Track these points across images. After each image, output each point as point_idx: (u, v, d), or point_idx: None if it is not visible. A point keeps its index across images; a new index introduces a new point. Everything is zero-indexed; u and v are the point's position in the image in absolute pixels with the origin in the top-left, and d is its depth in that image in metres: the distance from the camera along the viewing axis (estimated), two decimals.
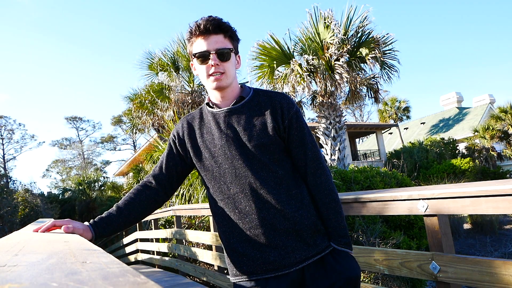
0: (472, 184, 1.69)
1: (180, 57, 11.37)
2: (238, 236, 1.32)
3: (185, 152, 1.45)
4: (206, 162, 1.38)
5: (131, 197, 1.44)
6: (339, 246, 1.32)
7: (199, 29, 1.32)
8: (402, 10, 66.45)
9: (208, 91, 1.42)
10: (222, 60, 1.33)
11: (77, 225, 1.29)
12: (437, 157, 16.45)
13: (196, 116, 1.47)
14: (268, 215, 1.28)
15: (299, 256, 1.28)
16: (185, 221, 6.12)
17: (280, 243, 1.28)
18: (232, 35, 1.38)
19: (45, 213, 15.16)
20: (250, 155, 1.31)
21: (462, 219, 10.88)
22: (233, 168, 1.32)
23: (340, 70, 9.28)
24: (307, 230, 1.30)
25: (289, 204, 1.29)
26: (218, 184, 1.35)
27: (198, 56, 1.34)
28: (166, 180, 1.48)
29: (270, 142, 1.32)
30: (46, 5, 57.98)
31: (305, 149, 1.36)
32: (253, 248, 1.29)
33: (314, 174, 1.35)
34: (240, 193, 1.30)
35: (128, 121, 15.66)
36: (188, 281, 4.53)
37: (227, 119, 1.37)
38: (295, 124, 1.36)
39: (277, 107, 1.36)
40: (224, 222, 1.36)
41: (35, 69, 61.84)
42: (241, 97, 1.39)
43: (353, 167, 8.29)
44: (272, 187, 1.29)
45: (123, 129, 39.03)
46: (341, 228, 1.34)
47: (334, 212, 1.34)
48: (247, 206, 1.29)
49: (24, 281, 0.40)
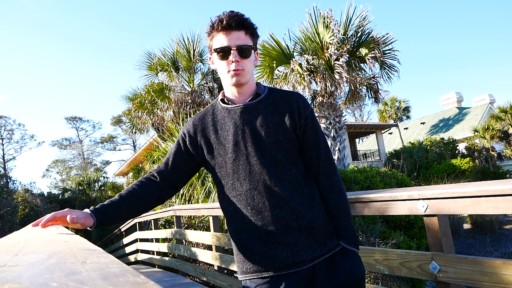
0: (472, 184, 1.69)
1: (180, 57, 11.37)
2: (250, 233, 1.31)
3: (195, 151, 1.43)
4: (219, 159, 1.37)
5: (135, 188, 1.42)
6: (349, 246, 1.34)
7: (222, 24, 1.32)
8: (402, 10, 66.48)
9: (225, 86, 1.42)
10: (243, 56, 1.33)
11: (78, 214, 1.28)
12: (437, 157, 16.45)
13: (209, 113, 1.45)
14: (281, 213, 1.28)
15: (311, 254, 1.28)
16: (185, 221, 6.12)
17: (292, 241, 1.28)
18: (253, 32, 1.37)
19: (45, 213, 15.14)
20: (265, 152, 1.31)
21: (462, 219, 10.88)
22: (248, 165, 1.31)
23: (340, 70, 9.28)
24: (319, 229, 1.31)
25: (302, 203, 1.30)
26: (231, 180, 1.34)
27: (219, 51, 1.33)
28: (170, 177, 1.46)
29: (287, 139, 1.32)
30: (46, 5, 58.03)
31: (318, 149, 1.37)
32: (265, 245, 1.29)
33: (326, 175, 1.36)
34: (254, 190, 1.30)
35: (128, 121, 15.65)
36: (188, 281, 4.53)
37: (243, 115, 1.35)
38: (310, 124, 1.37)
39: (294, 106, 1.36)
40: (235, 219, 1.35)
41: (35, 69, 61.90)
42: (257, 94, 1.39)
43: (353, 167, 8.29)
44: (286, 185, 1.29)
45: (123, 129, 39.02)
46: (350, 228, 1.36)
47: (344, 212, 1.36)
48: (260, 203, 1.29)
49: (24, 281, 0.40)
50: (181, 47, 11.22)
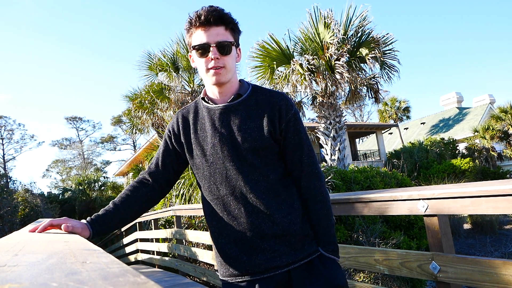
0: (472, 184, 1.69)
1: (180, 57, 11.36)
2: (226, 237, 1.30)
3: (181, 148, 1.41)
4: (197, 160, 1.35)
5: (128, 194, 1.40)
6: (327, 253, 1.30)
7: (200, 19, 1.26)
8: (402, 10, 66.47)
9: (206, 85, 1.37)
10: (223, 53, 1.27)
11: (75, 224, 1.27)
12: (437, 157, 16.45)
13: (191, 110, 1.42)
14: (257, 220, 1.25)
15: (286, 260, 1.26)
16: (185, 221, 6.12)
17: (267, 248, 1.26)
18: (233, 27, 1.31)
19: (45, 213, 15.15)
20: (241, 157, 1.27)
21: (462, 219, 10.88)
22: (224, 169, 1.28)
23: (340, 70, 9.28)
24: (296, 235, 1.28)
25: (278, 209, 1.27)
26: (208, 183, 1.32)
27: (197, 48, 1.28)
28: (162, 177, 1.44)
29: (264, 146, 1.28)
30: (46, 5, 58.04)
31: (301, 153, 1.32)
32: (240, 251, 1.28)
33: (308, 179, 1.32)
34: (230, 195, 1.28)
35: (128, 121, 15.66)
36: (188, 281, 4.53)
37: (222, 117, 1.31)
38: (292, 127, 1.31)
39: (275, 108, 1.30)
40: (213, 223, 1.34)
41: (35, 69, 61.90)
42: (239, 94, 1.33)
43: (353, 167, 8.28)
44: (261, 192, 1.26)
45: (123, 129, 39.03)
46: (330, 236, 1.32)
47: (324, 219, 1.32)
48: (236, 209, 1.27)
49: (24, 281, 0.40)
50: (181, 47, 11.20)
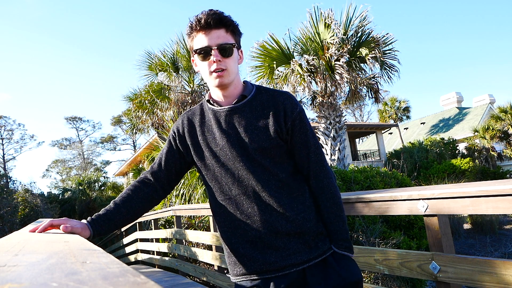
0: (472, 184, 1.69)
1: (180, 57, 11.35)
2: (240, 237, 1.31)
3: (185, 149, 1.42)
4: (207, 161, 1.36)
5: (129, 194, 1.41)
6: (340, 250, 1.31)
7: (200, 23, 1.28)
8: (402, 10, 66.47)
9: (210, 88, 1.38)
10: (224, 55, 1.28)
11: (75, 224, 1.27)
12: (437, 157, 16.45)
13: (197, 112, 1.43)
14: (271, 218, 1.27)
15: (301, 258, 1.27)
16: (185, 221, 6.12)
17: (281, 245, 1.27)
18: (234, 29, 1.33)
19: (45, 213, 15.14)
20: (250, 158, 1.29)
21: (462, 219, 10.87)
22: (235, 169, 1.30)
23: (340, 70, 9.28)
24: (309, 232, 1.29)
25: (291, 207, 1.28)
26: (219, 184, 1.33)
27: (199, 52, 1.29)
28: (164, 177, 1.45)
29: (271, 145, 1.29)
30: (47, 4, 58.05)
31: (308, 151, 1.33)
32: (254, 249, 1.29)
33: (316, 177, 1.33)
34: (243, 195, 1.29)
35: (128, 121, 15.65)
36: (188, 281, 4.53)
37: (228, 118, 1.33)
38: (298, 126, 1.33)
39: (280, 108, 1.32)
40: (225, 222, 1.34)
41: (36, 69, 61.92)
42: (243, 96, 1.35)
43: (353, 167, 8.28)
44: (273, 190, 1.28)
45: (123, 129, 39.03)
46: (343, 232, 1.33)
47: (335, 215, 1.33)
48: (250, 208, 1.28)
49: (24, 281, 0.40)
50: (181, 47, 11.19)
